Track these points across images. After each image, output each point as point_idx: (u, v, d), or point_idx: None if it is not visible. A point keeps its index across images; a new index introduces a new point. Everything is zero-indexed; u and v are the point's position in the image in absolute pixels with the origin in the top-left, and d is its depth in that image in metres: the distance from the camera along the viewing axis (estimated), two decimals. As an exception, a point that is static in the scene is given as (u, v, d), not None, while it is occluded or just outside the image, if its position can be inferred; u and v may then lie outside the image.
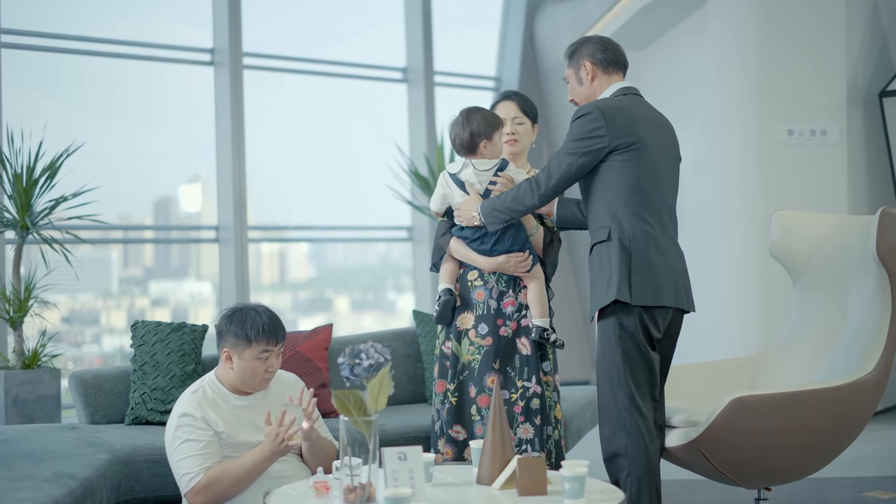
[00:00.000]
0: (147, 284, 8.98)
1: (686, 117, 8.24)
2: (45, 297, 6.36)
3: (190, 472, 3.84)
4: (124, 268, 9.02)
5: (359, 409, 3.36)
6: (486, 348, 4.40)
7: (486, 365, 4.39)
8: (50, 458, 3.94)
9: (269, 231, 9.45)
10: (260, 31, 8.48)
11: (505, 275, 4.43)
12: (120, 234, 8.69)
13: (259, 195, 9.05)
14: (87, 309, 8.58)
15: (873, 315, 4.43)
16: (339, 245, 10.15)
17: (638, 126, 4.10)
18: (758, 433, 4.17)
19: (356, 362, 3.40)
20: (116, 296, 8.75)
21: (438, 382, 4.44)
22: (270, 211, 9.36)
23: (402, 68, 9.26)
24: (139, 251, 9.12)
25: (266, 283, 9.69)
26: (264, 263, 9.72)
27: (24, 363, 6.08)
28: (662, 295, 4.05)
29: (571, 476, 3.35)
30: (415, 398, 5.53)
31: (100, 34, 7.72)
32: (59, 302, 8.44)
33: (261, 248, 9.63)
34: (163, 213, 8.82)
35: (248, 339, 3.95)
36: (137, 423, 4.74)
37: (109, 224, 7.10)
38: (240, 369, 3.97)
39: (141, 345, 4.85)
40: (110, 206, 7.98)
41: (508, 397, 4.40)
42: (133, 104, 8.31)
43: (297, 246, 9.92)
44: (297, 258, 9.95)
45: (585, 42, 4.27)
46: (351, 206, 9.51)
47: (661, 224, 4.14)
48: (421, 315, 5.60)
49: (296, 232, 9.58)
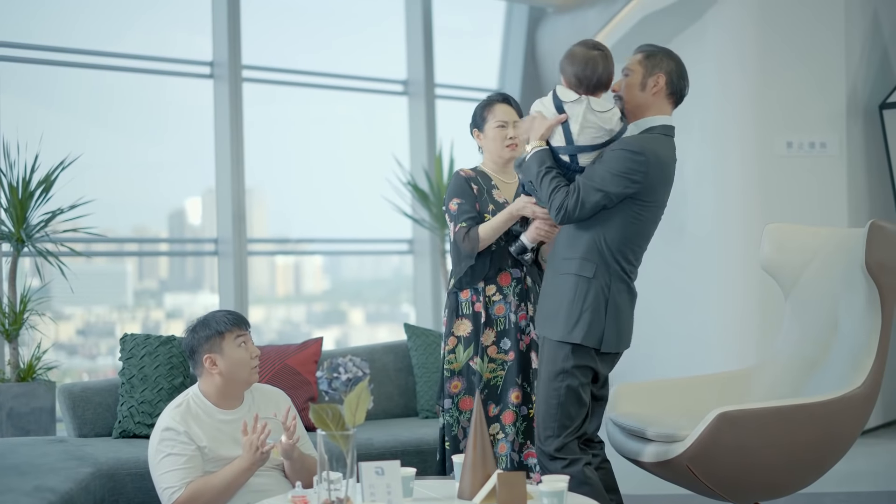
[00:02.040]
0: (162, 297, 9.00)
1: (686, 129, 8.21)
2: (61, 308, 6.36)
3: (172, 486, 3.83)
4: (139, 280, 9.05)
5: (337, 423, 3.35)
6: (510, 363, 4.39)
7: (511, 381, 4.38)
8: (32, 472, 3.93)
9: (266, 244, 9.43)
10: (260, 44, 8.48)
11: (519, 286, 4.41)
12: (114, 247, 8.69)
13: (262, 207, 9.07)
14: (103, 321, 8.61)
15: (863, 329, 4.39)
16: (353, 257, 10.16)
17: (663, 187, 4.11)
18: (744, 448, 4.13)
19: (334, 376, 3.39)
20: (132, 308, 8.78)
21: (466, 399, 4.39)
22: (271, 223, 9.36)
23: (403, 81, 9.26)
24: (154, 264, 9.14)
25: (281, 295, 9.70)
26: (279, 276, 9.74)
27: (20, 376, 6.08)
28: (623, 341, 4.12)
29: (550, 491, 3.34)
30: (406, 412, 5.51)
31: (99, 47, 7.73)
32: (75, 314, 8.47)
33: (275, 260, 9.64)
34: (162, 225, 8.83)
35: (220, 333, 3.98)
36: (125, 436, 4.74)
37: (102, 237, 7.08)
38: (226, 366, 3.96)
39: (129, 358, 4.85)
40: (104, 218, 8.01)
41: (527, 413, 4.40)
42: (133, 117, 8.32)
43: (311, 258, 9.94)
44: (311, 270, 9.96)
45: (671, 57, 4.17)
46: (351, 219, 9.50)
47: (634, 272, 4.16)
48: (413, 328, 5.58)
49: (297, 245, 9.58)
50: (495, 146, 4.50)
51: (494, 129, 4.49)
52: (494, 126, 4.48)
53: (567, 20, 9.37)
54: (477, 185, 4.48)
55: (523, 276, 4.46)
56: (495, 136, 4.49)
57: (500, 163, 4.54)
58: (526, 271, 4.47)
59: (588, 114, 4.02)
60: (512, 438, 4.37)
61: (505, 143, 4.48)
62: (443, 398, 4.43)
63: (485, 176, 4.53)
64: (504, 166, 4.55)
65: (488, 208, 4.44)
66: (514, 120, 4.49)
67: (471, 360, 4.39)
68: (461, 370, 4.41)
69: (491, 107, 4.52)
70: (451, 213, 4.45)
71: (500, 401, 4.37)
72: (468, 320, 4.42)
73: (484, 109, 4.53)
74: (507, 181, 4.55)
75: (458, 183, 4.48)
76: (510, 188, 4.53)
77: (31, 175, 6.23)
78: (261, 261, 9.58)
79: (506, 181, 4.55)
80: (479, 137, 4.56)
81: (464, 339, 4.42)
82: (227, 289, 8.04)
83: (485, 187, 4.49)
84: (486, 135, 4.52)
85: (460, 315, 4.44)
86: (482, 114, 4.53)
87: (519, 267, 4.45)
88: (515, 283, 4.43)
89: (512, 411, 4.36)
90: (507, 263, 4.43)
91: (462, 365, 4.41)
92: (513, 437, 4.37)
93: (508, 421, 4.35)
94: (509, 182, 4.55)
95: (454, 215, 4.43)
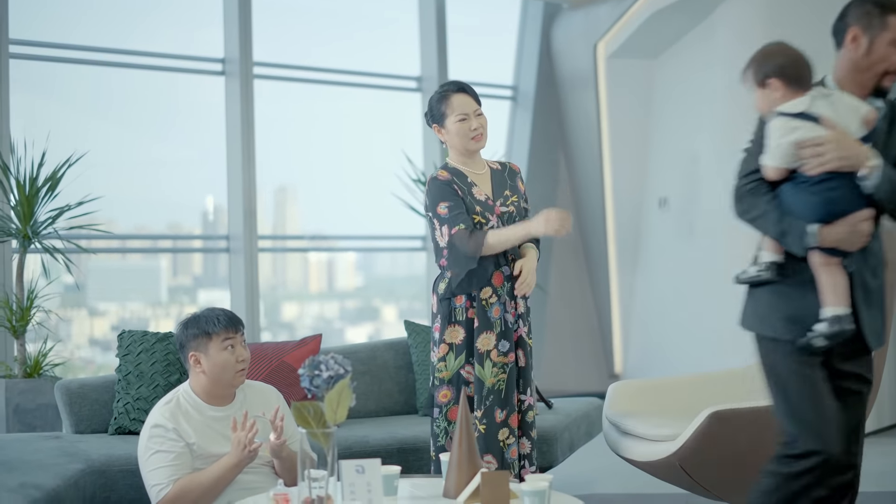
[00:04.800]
0: (196, 293, 9.04)
1: (697, 125, 8.17)
2: (95, 304, 6.38)
3: (160, 483, 3.83)
4: (173, 276, 9.10)
5: (318, 420, 3.34)
6: (511, 365, 4.27)
7: (514, 383, 4.28)
8: (21, 468, 3.94)
9: (275, 241, 9.47)
10: (272, 41, 8.49)
11: (509, 284, 4.34)
12: (117, 244, 8.73)
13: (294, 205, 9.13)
14: (137, 317, 8.66)
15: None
16: (386, 254, 10.17)
17: None
18: (738, 448, 4.10)
19: (315, 373, 3.38)
20: (166, 304, 8.82)
21: (455, 409, 4.23)
22: (278, 220, 9.39)
23: (417, 77, 9.24)
24: (188, 260, 9.19)
25: (314, 292, 9.72)
26: (312, 272, 9.77)
27: (26, 372, 6.11)
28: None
29: (532, 490, 3.32)
30: (406, 409, 5.49)
31: (109, 44, 7.75)
32: (109, 310, 8.53)
33: (308, 257, 9.66)
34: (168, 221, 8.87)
35: (207, 334, 3.96)
36: (120, 432, 4.74)
37: (109, 233, 7.12)
38: (210, 367, 3.95)
39: (126, 354, 4.85)
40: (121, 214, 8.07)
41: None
42: (143, 114, 8.35)
43: (345, 255, 9.97)
44: (344, 267, 9.98)
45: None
46: (365, 216, 9.50)
47: None
48: (412, 325, 5.55)
49: (312, 242, 9.60)
50: (460, 140, 4.35)
51: (456, 123, 4.33)
52: (456, 120, 4.33)
53: (580, 16, 9.33)
54: (458, 188, 4.34)
55: (512, 274, 4.34)
56: (458, 131, 4.33)
57: (468, 155, 4.40)
58: (514, 268, 4.36)
59: (838, 105, 3.51)
60: None
61: (471, 136, 4.34)
62: (433, 406, 4.32)
63: (460, 175, 4.38)
64: (471, 157, 4.41)
65: (475, 209, 4.32)
66: (475, 109, 4.35)
67: (462, 369, 4.27)
68: (451, 379, 4.28)
69: (447, 99, 4.35)
70: (441, 217, 4.29)
71: (505, 405, 4.24)
72: (461, 327, 4.29)
73: (441, 103, 4.37)
74: (479, 172, 4.42)
75: (440, 187, 4.33)
76: (484, 179, 4.41)
77: (38, 172, 6.26)
78: (294, 258, 9.64)
79: (478, 172, 4.42)
80: (440, 132, 4.40)
81: (456, 346, 4.28)
82: (238, 285, 8.05)
83: (465, 188, 4.35)
84: (447, 129, 4.36)
85: (453, 322, 4.29)
86: (440, 108, 4.37)
87: (507, 264, 4.35)
88: (506, 281, 4.35)
89: (518, 413, 4.29)
90: (499, 263, 4.33)
91: (452, 374, 4.28)
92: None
93: (517, 424, 4.27)
94: (481, 173, 4.42)
95: (446, 219, 4.27)
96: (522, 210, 4.45)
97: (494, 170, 4.48)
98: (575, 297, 9.77)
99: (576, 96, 9.43)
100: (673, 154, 8.47)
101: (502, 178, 4.47)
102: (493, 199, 4.38)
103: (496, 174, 4.47)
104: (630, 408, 4.63)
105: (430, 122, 4.45)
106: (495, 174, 4.46)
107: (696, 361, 7.90)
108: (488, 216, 4.33)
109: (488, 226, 4.30)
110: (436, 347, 4.34)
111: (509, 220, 4.36)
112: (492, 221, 4.32)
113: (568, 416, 5.38)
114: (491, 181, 4.42)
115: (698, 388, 4.81)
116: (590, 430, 5.62)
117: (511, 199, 4.41)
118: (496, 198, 4.39)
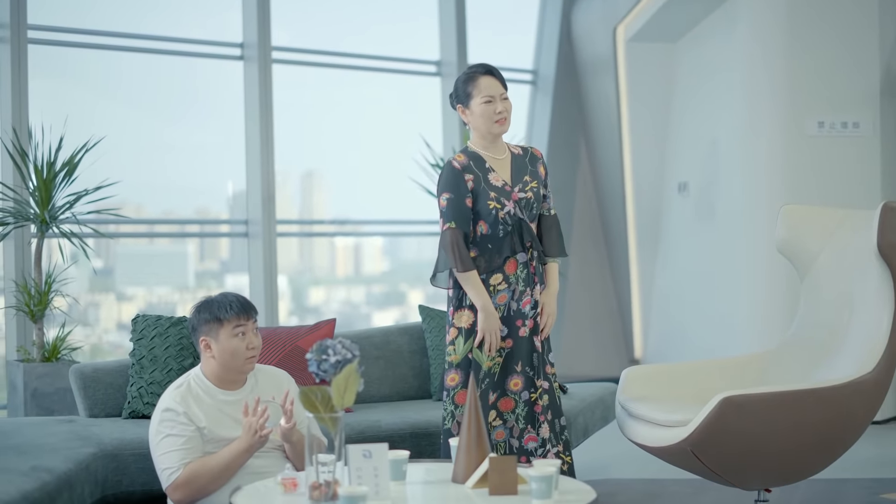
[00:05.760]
0: (223, 278, 9.06)
1: (715, 109, 8.12)
2: (123, 289, 6.41)
3: (170, 467, 3.84)
4: (201, 261, 9.13)
5: (326, 405, 3.34)
6: (507, 350, 4.32)
7: (509, 367, 4.31)
8: (33, 452, 3.96)
9: (302, 226, 9.48)
10: (290, 25, 8.49)
11: (525, 271, 4.36)
12: (144, 228, 8.76)
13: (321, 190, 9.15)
14: (164, 302, 8.71)
15: (876, 313, 4.31)
16: (412, 239, 10.17)
17: None
18: (749, 433, 4.07)
19: (323, 358, 3.38)
20: (193, 289, 8.85)
21: (462, 393, 4.29)
22: (305, 205, 9.41)
23: (436, 62, 9.21)
24: (216, 245, 9.21)
25: (341, 276, 9.73)
26: (339, 257, 9.79)
27: (44, 356, 6.14)
28: None
29: (539, 476, 3.30)
30: (420, 394, 5.49)
31: (129, 29, 7.76)
32: (137, 295, 8.57)
33: (335, 241, 9.67)
34: (195, 206, 8.90)
35: (218, 320, 3.95)
36: (134, 416, 4.76)
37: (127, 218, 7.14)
38: (220, 353, 3.95)
39: (140, 339, 4.87)
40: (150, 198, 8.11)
41: (529, 398, 4.34)
42: (164, 99, 8.37)
43: (371, 240, 9.97)
44: (371, 252, 9.99)
45: None
46: (391, 200, 9.50)
47: None
48: (427, 310, 5.55)
49: (330, 226, 9.62)
50: (484, 122, 4.34)
51: (481, 104, 4.33)
52: (481, 102, 4.33)
53: (599, 0, 9.28)
54: (472, 175, 4.34)
55: (529, 260, 4.36)
56: (483, 112, 4.33)
57: (490, 138, 4.39)
58: (532, 254, 4.37)
59: None
60: (511, 425, 4.32)
61: (494, 119, 4.33)
62: (442, 389, 4.38)
63: (478, 159, 4.38)
64: (493, 141, 4.41)
65: (489, 195, 4.32)
66: (501, 93, 4.35)
67: (470, 353, 4.30)
68: (460, 363, 4.32)
69: (474, 80, 4.35)
70: (440, 209, 4.33)
71: (497, 388, 4.31)
72: (470, 311, 4.32)
73: (467, 84, 4.37)
74: (498, 157, 4.42)
75: (450, 175, 4.34)
76: (503, 164, 4.41)
77: (55, 156, 6.29)
78: (321, 242, 9.66)
79: (498, 158, 4.42)
80: (464, 113, 4.40)
81: (465, 330, 4.32)
82: (257, 270, 8.06)
83: (480, 174, 4.35)
84: (472, 111, 4.36)
85: (463, 306, 4.33)
86: (465, 89, 4.37)
87: (524, 251, 4.35)
88: (522, 268, 4.35)
89: (511, 398, 4.31)
90: (515, 250, 4.33)
91: (461, 358, 4.31)
92: (512, 424, 4.32)
93: (506, 408, 4.31)
94: (501, 158, 4.42)
95: (443, 212, 4.32)
96: (541, 196, 4.45)
97: (515, 155, 4.47)
98: (595, 281, 9.74)
99: (596, 80, 9.39)
100: (693, 138, 8.42)
101: (523, 164, 4.46)
102: (511, 184, 4.37)
103: (517, 159, 4.46)
104: (643, 393, 4.61)
105: (454, 104, 4.45)
106: (516, 159, 4.46)
107: (717, 346, 7.87)
108: (504, 202, 4.32)
109: (503, 211, 4.30)
110: (448, 331, 4.39)
111: (527, 206, 4.36)
112: (507, 206, 4.32)
113: (583, 400, 5.37)
114: (511, 166, 4.42)
115: (712, 374, 4.77)
116: (605, 415, 5.60)
117: (530, 185, 4.41)
118: (515, 183, 4.38)
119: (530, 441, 4.32)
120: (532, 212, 4.39)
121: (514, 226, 4.33)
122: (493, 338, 4.28)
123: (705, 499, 5.24)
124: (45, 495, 3.55)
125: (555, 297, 4.44)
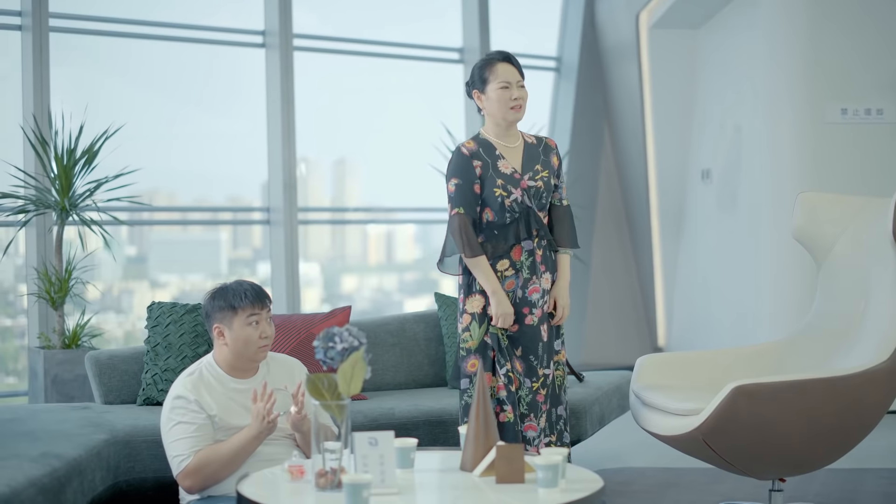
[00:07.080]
0: (256, 265, 9.09)
1: (738, 96, 8.07)
2: (157, 276, 6.43)
3: (181, 455, 3.85)
4: (234, 249, 9.15)
5: (332, 392, 3.34)
6: (511, 334, 4.36)
7: (510, 351, 4.34)
8: (45, 438, 3.98)
9: (334, 213, 9.50)
10: (312, 12, 8.49)
11: (531, 259, 4.35)
12: (178, 216, 8.79)
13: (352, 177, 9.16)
14: (197, 290, 8.74)
15: (891, 302, 4.27)
16: (444, 227, 10.16)
17: None
18: (761, 422, 4.04)
19: (329, 345, 3.38)
20: (226, 276, 8.88)
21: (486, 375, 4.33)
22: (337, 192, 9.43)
23: (459, 48, 9.19)
24: (248, 233, 9.24)
25: (373, 264, 9.75)
26: (371, 245, 9.80)
27: (65, 343, 6.18)
28: None
29: (545, 465, 3.29)
30: (436, 381, 5.49)
31: (150, 17, 7.78)
32: (170, 282, 8.62)
33: (367, 229, 9.68)
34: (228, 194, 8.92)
35: (233, 308, 3.95)
36: (148, 403, 4.78)
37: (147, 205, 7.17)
38: (232, 341, 3.96)
39: (155, 326, 4.89)
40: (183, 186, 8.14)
41: (531, 386, 4.33)
42: (186, 86, 8.39)
43: (403, 227, 9.98)
44: (403, 239, 10.00)
45: None
46: (422, 188, 9.49)
47: None
48: (443, 297, 5.55)
49: (354, 214, 9.63)
50: (499, 108, 4.34)
51: (497, 90, 4.33)
52: (497, 87, 4.33)
53: (623, -14, 9.23)
54: (481, 161, 4.35)
55: (535, 248, 4.36)
56: (499, 98, 4.33)
57: (504, 125, 4.39)
58: (539, 243, 4.37)
59: None
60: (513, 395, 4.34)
61: (510, 105, 4.33)
62: (461, 377, 4.37)
63: (488, 146, 4.39)
64: (507, 129, 4.41)
65: (496, 183, 4.33)
66: (517, 80, 4.36)
67: (486, 336, 4.34)
68: (477, 348, 4.34)
69: (492, 66, 4.36)
70: (448, 194, 4.36)
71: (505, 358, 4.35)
72: (481, 296, 4.35)
73: (484, 69, 4.38)
74: (510, 146, 4.42)
75: (458, 161, 4.35)
76: (515, 153, 4.41)
77: (76, 144, 6.32)
78: (353, 230, 9.68)
79: (509, 146, 4.42)
80: (479, 99, 4.40)
81: (477, 315, 4.35)
82: (279, 258, 8.08)
83: (489, 161, 4.35)
84: (487, 96, 4.36)
85: (474, 291, 4.37)
86: (482, 74, 4.38)
87: (531, 238, 4.36)
88: (527, 256, 4.35)
89: (502, 384, 4.31)
90: (520, 237, 4.34)
91: (478, 342, 4.34)
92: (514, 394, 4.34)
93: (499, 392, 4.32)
94: (513, 146, 4.42)
95: (451, 197, 4.35)
96: (552, 186, 4.43)
97: (529, 143, 4.47)
98: (618, 269, 9.70)
99: (619, 67, 9.34)
100: (716, 125, 8.37)
101: (535, 152, 4.45)
102: (520, 172, 4.36)
103: (530, 148, 4.45)
104: (657, 381, 4.59)
105: (470, 90, 4.45)
106: (529, 147, 4.45)
107: (740, 334, 7.83)
108: (511, 189, 4.32)
109: (510, 198, 4.30)
110: (460, 318, 4.40)
111: (536, 195, 4.36)
112: (514, 194, 4.32)
113: (598, 389, 5.35)
114: (522, 154, 4.42)
115: (726, 362, 4.75)
116: (622, 404, 5.58)
117: (541, 174, 4.40)
118: (525, 171, 4.38)
119: (529, 430, 4.32)
120: (542, 201, 4.39)
121: (521, 213, 4.34)
122: (507, 321, 4.30)
123: (721, 488, 5.21)
124: (55, 481, 3.57)
125: (567, 289, 4.44)
